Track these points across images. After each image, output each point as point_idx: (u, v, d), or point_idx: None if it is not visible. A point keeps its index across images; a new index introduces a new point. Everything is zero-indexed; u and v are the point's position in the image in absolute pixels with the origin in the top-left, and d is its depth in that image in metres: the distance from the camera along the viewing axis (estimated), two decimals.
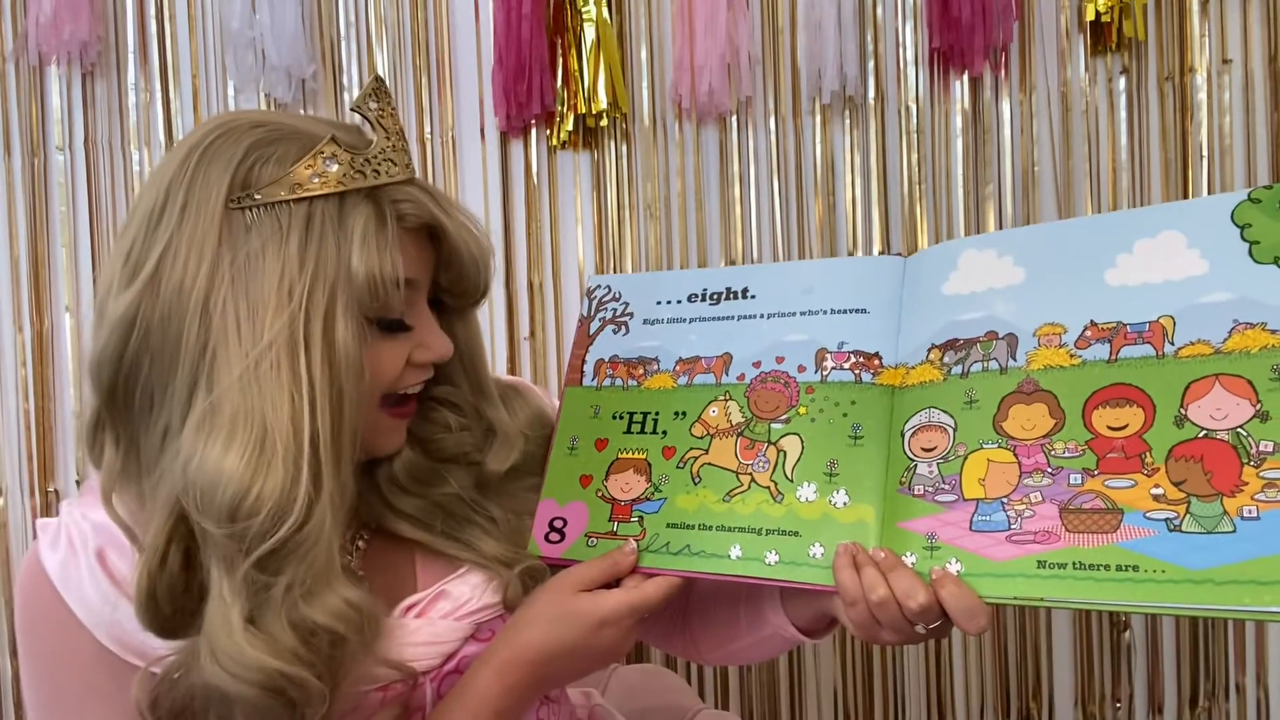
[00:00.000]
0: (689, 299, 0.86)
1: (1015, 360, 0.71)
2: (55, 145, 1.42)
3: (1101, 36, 1.34)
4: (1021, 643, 1.41)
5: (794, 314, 0.81)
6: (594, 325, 0.89)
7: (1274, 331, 0.63)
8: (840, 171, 1.38)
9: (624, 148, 1.39)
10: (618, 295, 0.89)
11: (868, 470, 0.73)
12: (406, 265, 0.69)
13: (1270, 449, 0.60)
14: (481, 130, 1.40)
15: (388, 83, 1.40)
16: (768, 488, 0.75)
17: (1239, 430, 0.62)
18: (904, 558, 0.69)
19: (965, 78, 1.35)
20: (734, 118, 1.38)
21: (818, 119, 1.37)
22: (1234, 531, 0.59)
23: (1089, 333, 0.69)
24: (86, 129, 1.42)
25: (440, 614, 0.77)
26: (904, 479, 0.71)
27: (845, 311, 0.79)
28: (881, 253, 1.37)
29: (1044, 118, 1.36)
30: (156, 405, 0.66)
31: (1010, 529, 0.66)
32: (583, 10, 1.34)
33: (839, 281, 0.81)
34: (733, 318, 0.84)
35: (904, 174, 1.37)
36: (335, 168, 0.67)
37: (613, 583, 0.76)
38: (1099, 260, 0.70)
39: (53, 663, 0.71)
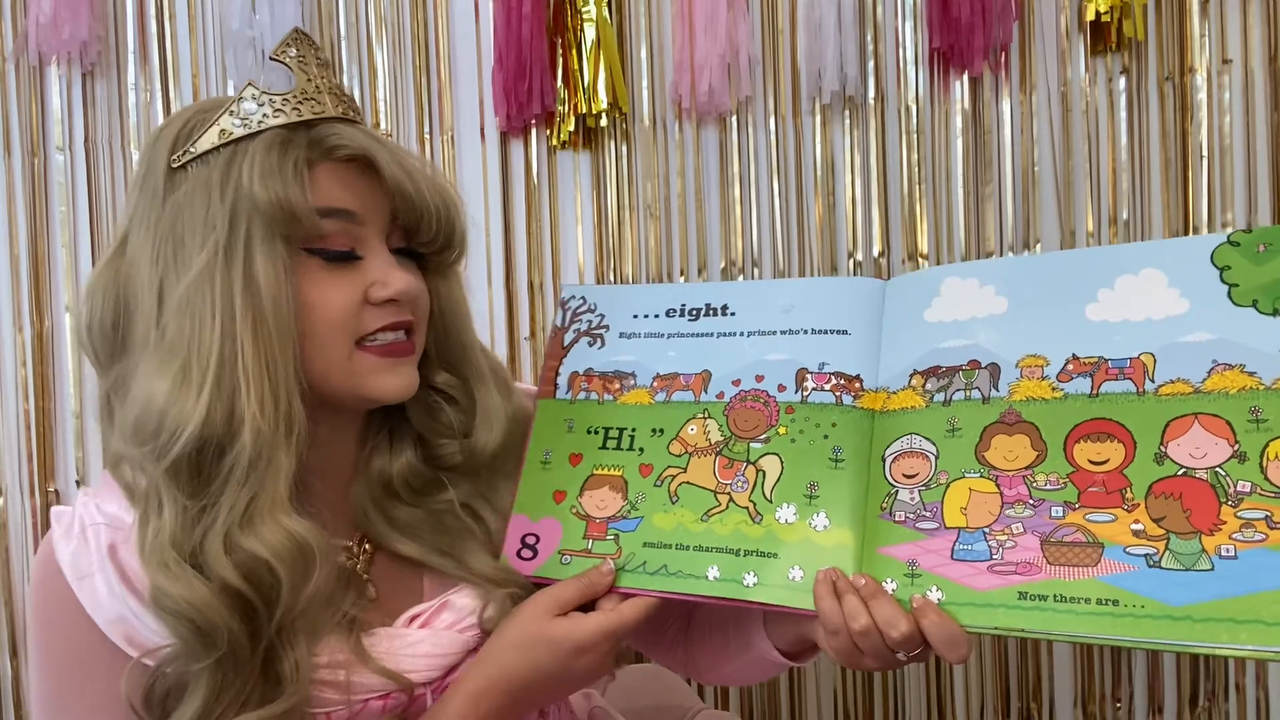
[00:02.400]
0: (667, 314, 0.85)
1: (998, 390, 0.71)
2: (55, 145, 1.42)
3: (1101, 36, 1.34)
4: (1022, 643, 1.41)
5: (774, 332, 0.80)
6: (568, 336, 0.87)
7: (1251, 374, 0.65)
8: (840, 171, 1.38)
9: (624, 148, 1.39)
10: (593, 306, 0.88)
11: (848, 494, 0.73)
12: (341, 195, 0.71)
13: (1247, 489, 0.62)
14: (481, 130, 1.40)
15: (387, 82, 1.40)
16: (746, 508, 0.75)
17: (1217, 470, 0.63)
18: (884, 584, 0.69)
19: (965, 78, 1.35)
20: (734, 118, 1.38)
21: (818, 119, 1.37)
22: (1212, 569, 0.61)
23: (1071, 366, 0.70)
24: (86, 129, 1.42)
25: (444, 625, 0.76)
26: (885, 504, 0.72)
27: (826, 332, 0.79)
28: (881, 254, 1.37)
29: (1044, 118, 1.36)
30: (130, 357, 0.71)
31: (992, 559, 0.67)
32: (583, 10, 1.34)
33: (820, 301, 0.80)
34: (712, 335, 0.83)
35: (904, 174, 1.37)
36: (255, 109, 0.71)
37: (589, 604, 0.75)
38: (1081, 294, 0.71)
39: (61, 654, 0.71)
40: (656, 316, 0.86)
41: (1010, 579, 0.66)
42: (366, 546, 0.79)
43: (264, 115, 0.71)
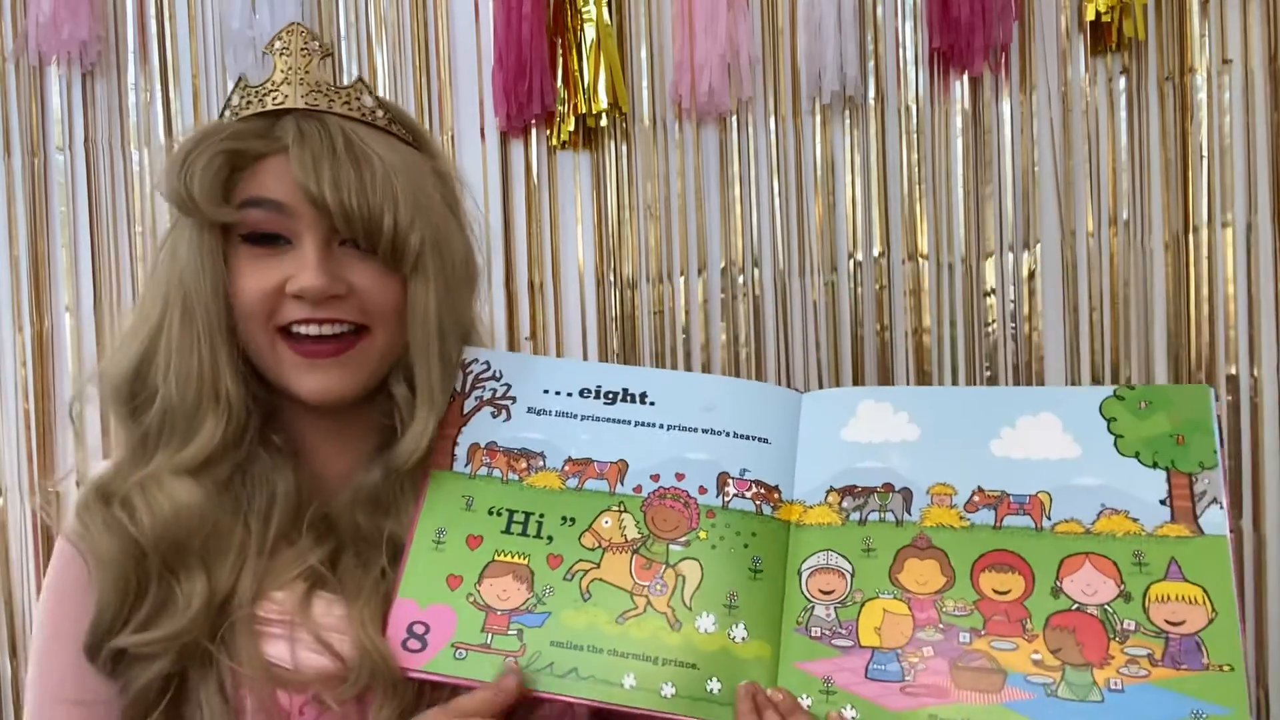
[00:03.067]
0: (580, 393, 0.81)
1: (910, 514, 0.75)
2: (55, 145, 1.42)
3: (1101, 36, 1.34)
4: None
5: (695, 430, 0.79)
6: (469, 404, 0.81)
7: (1135, 520, 0.71)
8: (840, 171, 1.38)
9: (624, 148, 1.39)
10: (498, 374, 0.82)
11: (766, 606, 0.73)
12: (271, 186, 0.74)
13: (1132, 627, 0.68)
14: (481, 130, 1.40)
15: (387, 82, 1.40)
16: (664, 614, 0.73)
17: (1106, 607, 0.69)
18: (800, 699, 0.69)
19: (965, 78, 1.35)
20: (734, 118, 1.38)
21: (818, 119, 1.37)
22: (1102, 701, 0.66)
23: (976, 497, 0.74)
24: (86, 129, 1.42)
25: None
26: (801, 619, 0.73)
27: (748, 438, 0.78)
28: (881, 254, 1.37)
29: (1044, 118, 1.36)
30: None
31: (904, 680, 0.70)
32: (583, 10, 1.34)
33: (742, 405, 0.80)
34: (629, 422, 0.80)
35: (904, 174, 1.37)
36: (238, 100, 0.78)
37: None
38: (986, 430, 0.76)
39: (70, 623, 0.74)
40: (569, 395, 0.81)
41: (922, 700, 0.69)
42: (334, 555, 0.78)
43: (241, 106, 0.77)
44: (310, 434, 0.81)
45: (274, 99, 0.76)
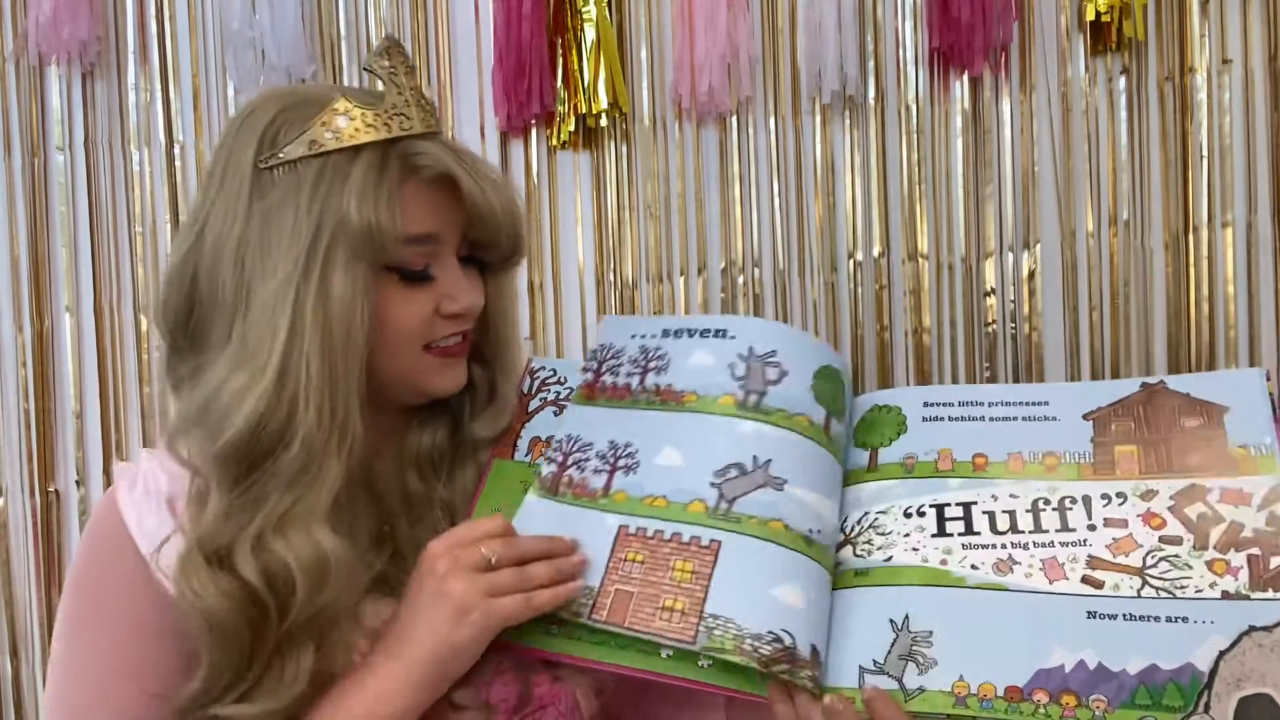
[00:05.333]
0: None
1: None
2: (55, 145, 1.42)
3: (1101, 36, 1.34)
4: None
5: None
6: (534, 403, 0.87)
7: None
8: (840, 171, 1.38)
9: (624, 148, 1.39)
10: (562, 379, 0.87)
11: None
12: (423, 218, 0.74)
13: None
14: (481, 130, 1.40)
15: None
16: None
17: None
18: None
19: (965, 78, 1.35)
20: (734, 118, 1.38)
21: (818, 119, 1.37)
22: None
23: None
24: (86, 129, 1.42)
25: None
26: None
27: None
28: (881, 254, 1.37)
29: (1044, 118, 1.36)
30: (202, 345, 0.74)
31: None
32: (583, 10, 1.34)
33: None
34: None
35: (904, 174, 1.37)
36: (346, 123, 0.72)
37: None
38: None
39: (102, 590, 0.73)
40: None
41: None
42: (390, 534, 0.80)
43: (355, 129, 0.73)
44: (371, 436, 0.79)
45: (401, 124, 0.74)
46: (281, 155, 0.72)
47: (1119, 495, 0.72)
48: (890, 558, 0.73)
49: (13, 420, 1.43)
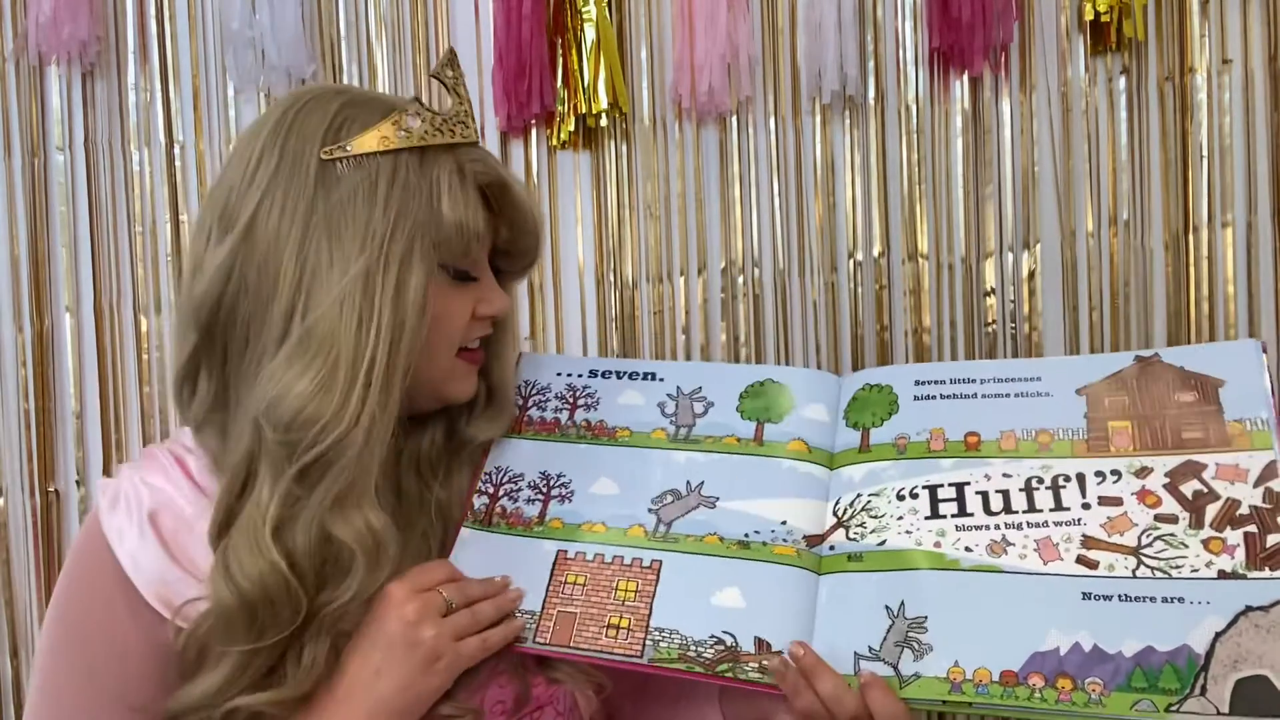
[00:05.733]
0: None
1: None
2: (55, 145, 1.42)
3: (1101, 36, 1.34)
4: None
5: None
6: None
7: None
8: (840, 171, 1.38)
9: (624, 148, 1.39)
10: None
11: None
12: (479, 220, 0.77)
13: None
14: (481, 130, 1.40)
15: (387, 82, 1.40)
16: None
17: None
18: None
19: (965, 78, 1.35)
20: (734, 118, 1.38)
21: (818, 119, 1.37)
22: None
23: None
24: (86, 129, 1.42)
25: None
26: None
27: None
28: (880, 254, 1.37)
29: (1044, 118, 1.36)
30: (253, 339, 0.73)
31: None
32: (583, 10, 1.34)
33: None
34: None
35: (904, 174, 1.37)
36: (418, 124, 0.74)
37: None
38: None
39: (87, 619, 0.73)
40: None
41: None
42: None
43: (426, 131, 0.74)
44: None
45: (462, 132, 0.77)
46: (350, 149, 0.72)
47: (1113, 473, 0.71)
48: (884, 541, 0.73)
49: (13, 420, 1.43)
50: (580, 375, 0.89)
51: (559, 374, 0.90)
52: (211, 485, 0.75)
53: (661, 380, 0.87)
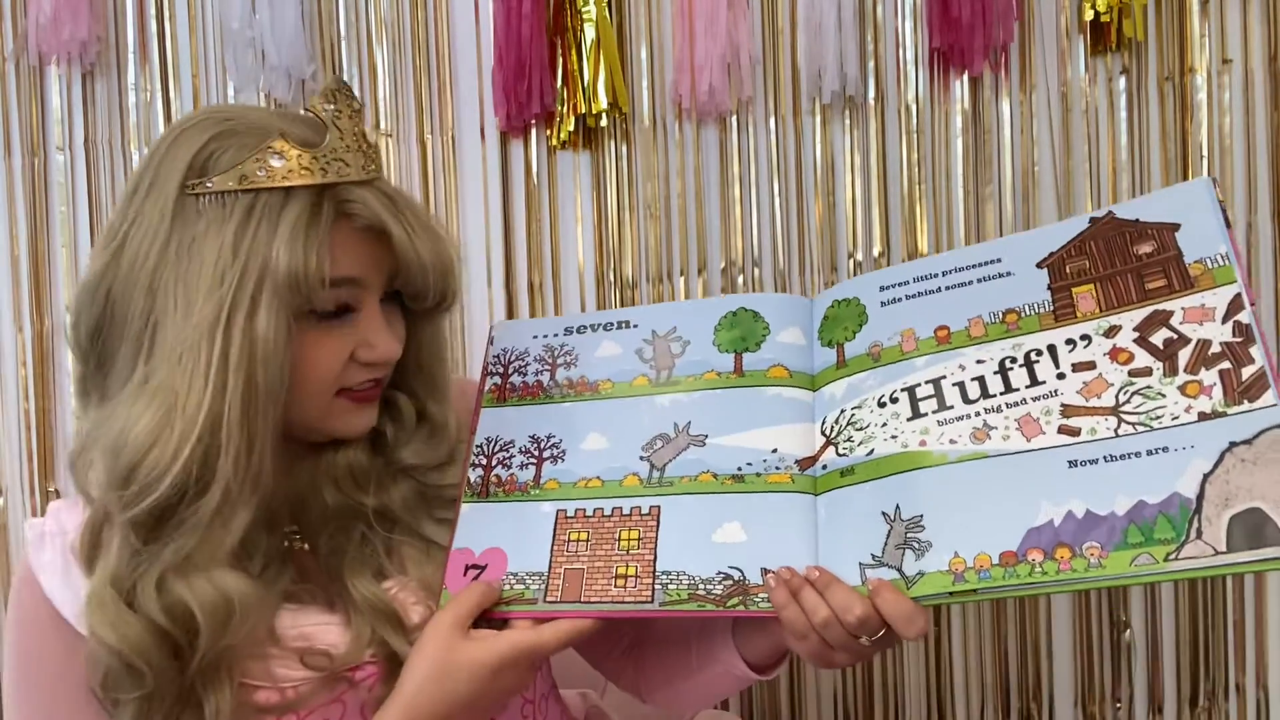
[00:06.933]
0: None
1: None
2: (55, 145, 1.42)
3: (1101, 36, 1.34)
4: (1021, 642, 1.41)
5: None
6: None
7: None
8: (840, 171, 1.38)
9: (624, 148, 1.39)
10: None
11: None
12: (350, 263, 0.72)
13: None
14: (481, 130, 1.40)
15: (387, 82, 1.40)
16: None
17: None
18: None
19: (965, 78, 1.35)
20: (734, 118, 1.38)
21: (818, 119, 1.37)
22: None
23: None
24: (86, 129, 1.42)
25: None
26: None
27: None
28: (881, 254, 1.37)
29: (1044, 118, 1.36)
30: (109, 370, 0.71)
31: None
32: (583, 10, 1.34)
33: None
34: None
35: (904, 174, 1.37)
36: (280, 163, 0.69)
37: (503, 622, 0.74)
38: None
39: (33, 660, 0.73)
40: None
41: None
42: (295, 541, 0.79)
43: (289, 170, 0.70)
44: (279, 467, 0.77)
45: (338, 170, 0.71)
46: (210, 185, 0.69)
47: (1083, 338, 0.71)
48: (872, 451, 0.74)
49: (13, 420, 1.43)
50: (556, 335, 0.89)
51: (535, 337, 0.90)
52: None
53: (636, 326, 0.87)
